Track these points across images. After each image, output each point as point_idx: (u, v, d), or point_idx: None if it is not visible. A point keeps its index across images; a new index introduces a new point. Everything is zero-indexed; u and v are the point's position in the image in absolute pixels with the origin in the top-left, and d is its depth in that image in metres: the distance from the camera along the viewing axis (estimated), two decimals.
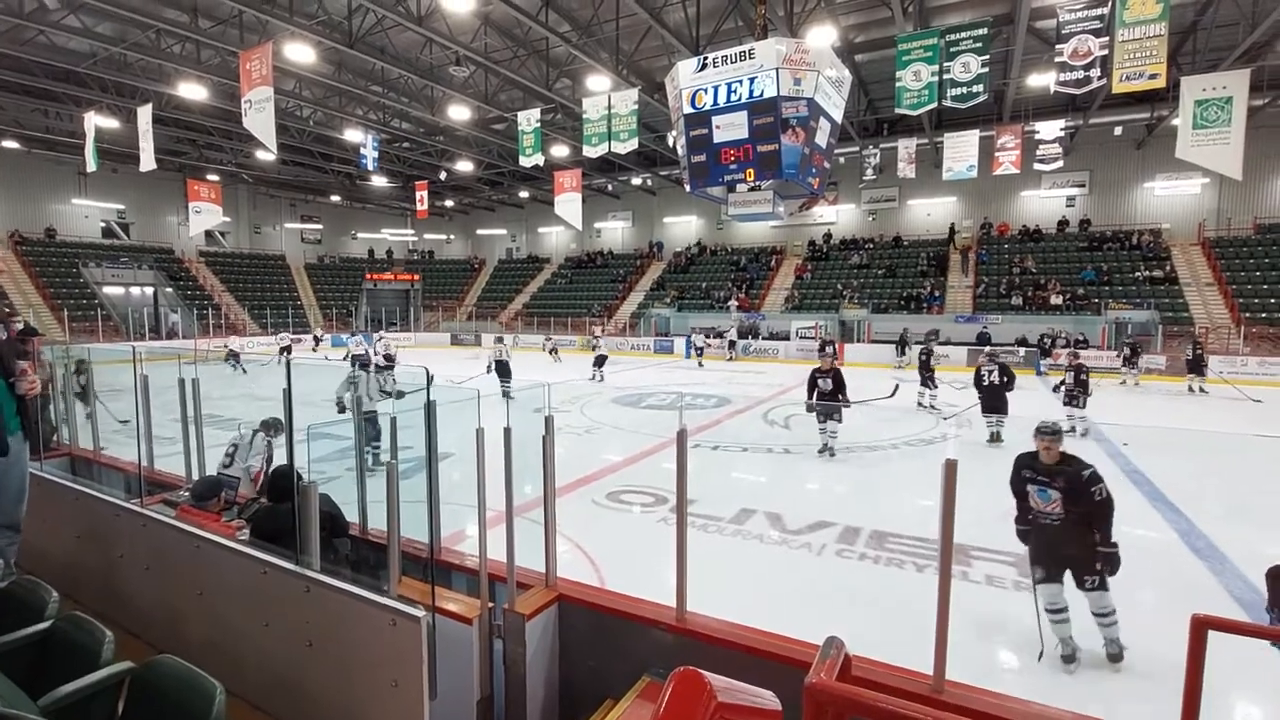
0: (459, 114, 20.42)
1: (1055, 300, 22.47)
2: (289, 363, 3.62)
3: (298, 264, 36.59)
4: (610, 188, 33.89)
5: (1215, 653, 1.62)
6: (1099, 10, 10.22)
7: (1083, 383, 10.10)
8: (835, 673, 1.40)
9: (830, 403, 8.39)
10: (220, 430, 6.19)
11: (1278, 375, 17.12)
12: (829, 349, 16.95)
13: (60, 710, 1.83)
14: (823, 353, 10.32)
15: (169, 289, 29.35)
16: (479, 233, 41.90)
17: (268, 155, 24.70)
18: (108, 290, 27.68)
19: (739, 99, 5.23)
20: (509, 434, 2.81)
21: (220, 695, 1.80)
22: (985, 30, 11.35)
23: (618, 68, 16.24)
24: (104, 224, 30.73)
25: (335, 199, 37.34)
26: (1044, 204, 26.49)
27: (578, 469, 7.91)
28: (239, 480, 4.87)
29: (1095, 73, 10.37)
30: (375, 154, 21.32)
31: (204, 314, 28.27)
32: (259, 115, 11.67)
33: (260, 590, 2.77)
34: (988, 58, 11.34)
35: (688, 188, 5.86)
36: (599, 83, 16.82)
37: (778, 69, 5.02)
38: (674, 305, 29.29)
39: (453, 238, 43.24)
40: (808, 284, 28.25)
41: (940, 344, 20.10)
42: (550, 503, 2.93)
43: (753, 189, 5.55)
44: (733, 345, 24.02)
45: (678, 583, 2.70)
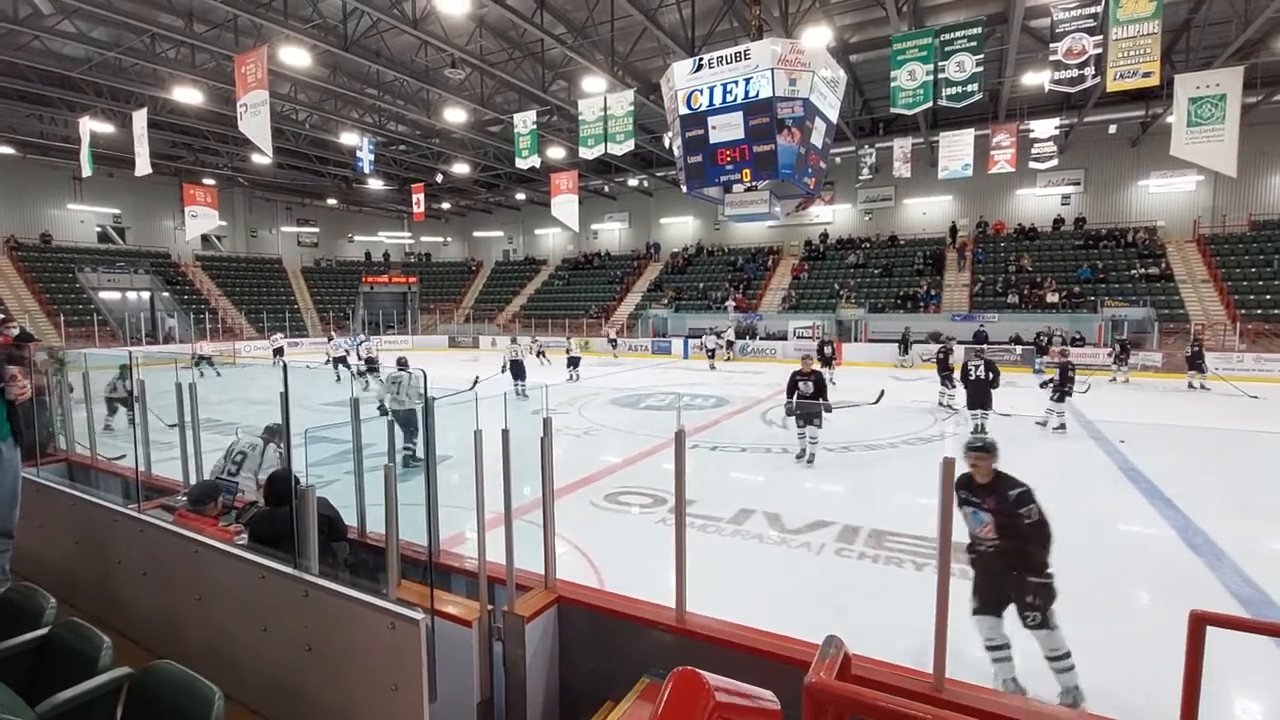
0: (455, 116, 20.41)
1: (1051, 298, 22.50)
2: (285, 365, 3.61)
3: (294, 267, 36.52)
4: (607, 189, 33.90)
5: (1213, 648, 1.62)
6: (1092, 9, 10.27)
7: (1069, 379, 10.23)
8: (835, 672, 1.41)
9: (810, 402, 8.36)
10: (219, 435, 6.17)
11: (1274, 371, 17.18)
12: (828, 349, 17.09)
13: (59, 717, 1.83)
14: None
15: (165, 293, 29.25)
16: (476, 235, 41.88)
17: (264, 159, 24.62)
18: (104, 295, 27.58)
19: (734, 100, 5.24)
20: (507, 436, 2.81)
21: (219, 700, 1.80)
22: (979, 29, 11.41)
23: (613, 69, 16.26)
24: (100, 229, 30.63)
25: (332, 202, 37.27)
26: (1039, 202, 26.56)
27: (576, 470, 7.90)
28: (238, 485, 4.85)
29: (1089, 71, 10.42)
30: (371, 157, 21.33)
31: (201, 318, 28.22)
32: (255, 119, 11.68)
33: (258, 595, 2.76)
34: (982, 57, 11.40)
35: (684, 188, 5.88)
36: (595, 84, 16.84)
37: (773, 69, 5.03)
38: (671, 306, 29.29)
39: (450, 240, 43.20)
40: (804, 284, 28.27)
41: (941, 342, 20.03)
42: (549, 504, 2.93)
43: (749, 189, 5.57)
44: (730, 345, 24.02)
45: (677, 583, 2.70)
